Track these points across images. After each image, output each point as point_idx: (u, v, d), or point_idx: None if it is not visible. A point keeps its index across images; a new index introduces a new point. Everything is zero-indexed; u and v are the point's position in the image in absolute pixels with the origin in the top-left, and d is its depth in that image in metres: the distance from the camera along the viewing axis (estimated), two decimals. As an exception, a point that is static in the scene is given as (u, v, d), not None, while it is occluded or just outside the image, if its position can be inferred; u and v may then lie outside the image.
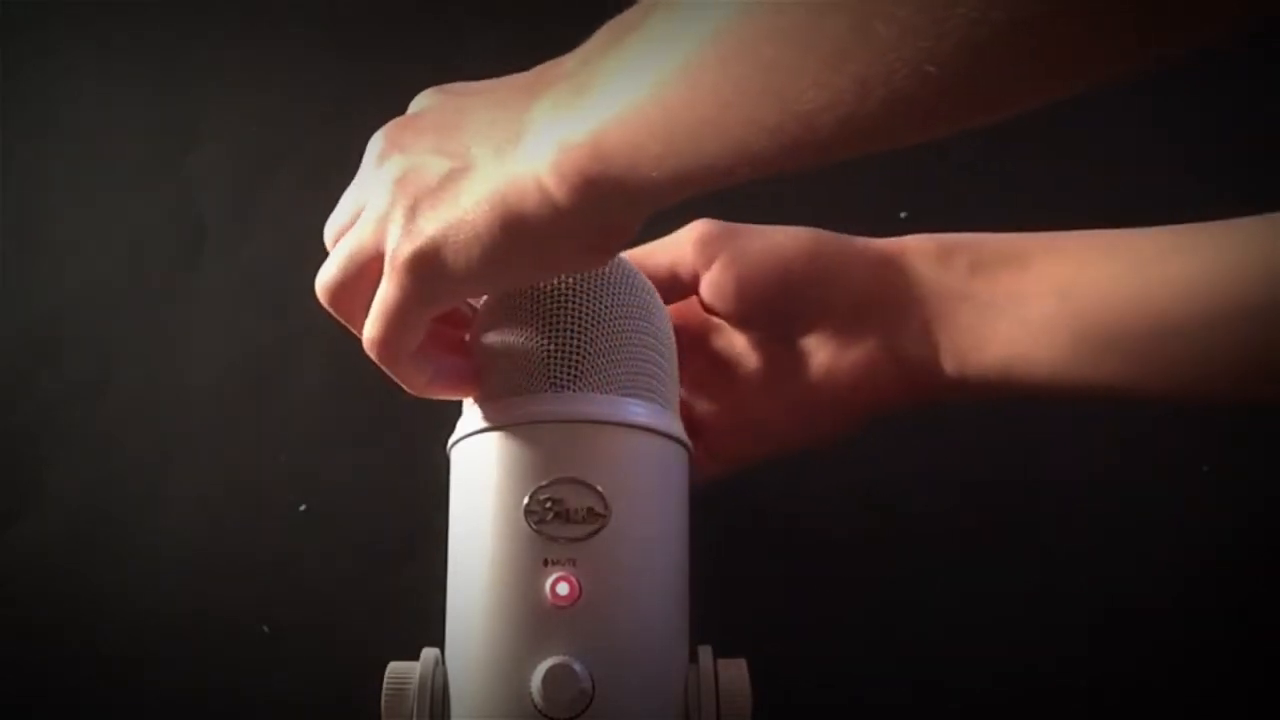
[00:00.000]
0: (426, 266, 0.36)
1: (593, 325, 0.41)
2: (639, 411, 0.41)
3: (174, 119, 0.65)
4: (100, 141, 0.65)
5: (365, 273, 0.38)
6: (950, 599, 0.59)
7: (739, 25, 0.28)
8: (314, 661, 0.59)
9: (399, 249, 0.36)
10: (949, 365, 0.45)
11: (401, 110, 0.42)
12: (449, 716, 0.40)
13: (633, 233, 0.37)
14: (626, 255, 0.46)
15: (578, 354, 0.41)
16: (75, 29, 0.66)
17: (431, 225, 0.36)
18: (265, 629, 0.60)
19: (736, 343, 0.49)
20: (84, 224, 0.65)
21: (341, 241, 0.39)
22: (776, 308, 0.47)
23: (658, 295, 0.45)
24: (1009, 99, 0.27)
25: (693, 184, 0.33)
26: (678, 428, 0.43)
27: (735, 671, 0.41)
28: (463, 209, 0.35)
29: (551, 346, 0.41)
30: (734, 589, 0.58)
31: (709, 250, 0.47)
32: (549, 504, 0.39)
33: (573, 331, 0.41)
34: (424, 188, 0.36)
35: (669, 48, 0.30)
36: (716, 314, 0.48)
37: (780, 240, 0.47)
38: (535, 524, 0.39)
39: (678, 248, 0.47)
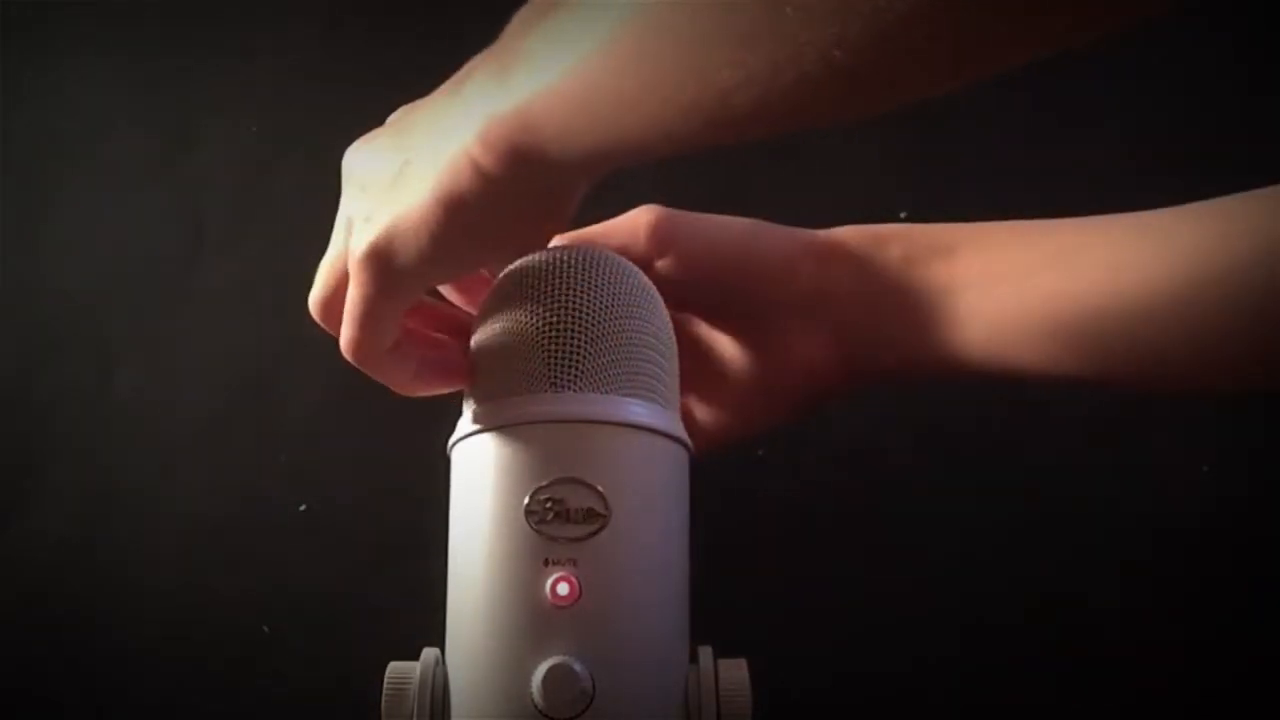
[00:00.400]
0: (379, 259, 0.37)
1: (593, 325, 0.41)
2: (639, 411, 0.41)
3: (174, 119, 0.65)
4: (100, 141, 0.65)
5: (341, 283, 0.39)
6: (950, 599, 0.59)
7: (657, 3, 0.29)
8: (314, 661, 0.59)
9: (354, 248, 0.37)
10: (887, 353, 0.46)
11: (396, 109, 0.43)
12: (449, 716, 0.40)
13: (571, 204, 0.38)
14: (577, 234, 0.47)
15: (578, 354, 0.41)
16: (75, 29, 0.66)
17: (382, 221, 0.37)
18: (265, 629, 0.60)
19: (701, 332, 0.50)
20: (84, 224, 0.65)
21: (324, 258, 0.41)
22: (722, 297, 0.48)
23: (658, 294, 0.45)
24: (915, 84, 0.27)
25: (617, 157, 0.34)
26: (678, 428, 0.43)
27: (735, 671, 0.41)
28: (410, 200, 0.36)
29: (552, 346, 0.41)
30: (734, 589, 0.58)
31: (660, 238, 0.47)
32: (549, 504, 0.39)
33: (573, 331, 0.41)
34: (380, 187, 0.38)
35: (591, 24, 0.31)
36: (670, 294, 0.48)
37: (728, 231, 0.48)
38: (535, 524, 0.39)
39: (630, 232, 0.48)
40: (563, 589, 0.39)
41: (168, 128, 0.65)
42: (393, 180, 0.37)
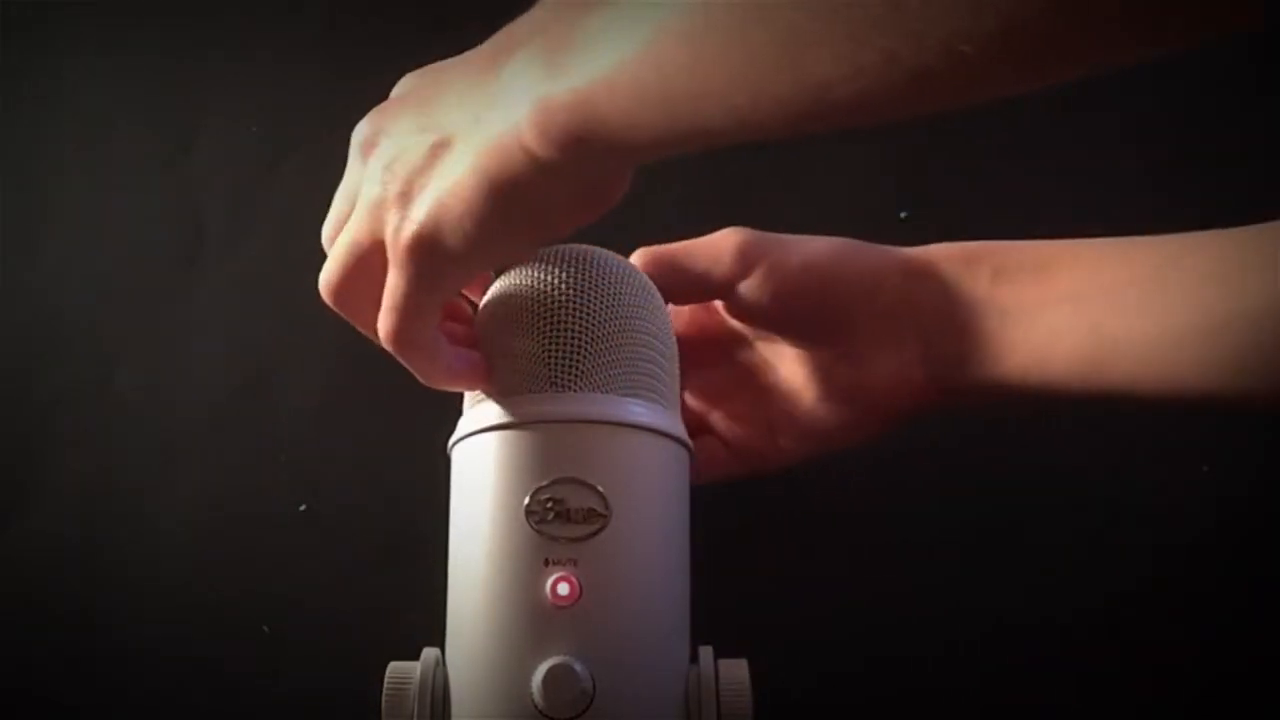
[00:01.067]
0: (427, 248, 0.35)
1: (593, 325, 0.41)
2: (639, 411, 0.41)
3: (174, 119, 0.65)
4: (100, 141, 0.65)
5: (366, 266, 0.38)
6: (950, 599, 0.59)
7: None
8: (314, 661, 0.59)
9: (399, 236, 0.36)
10: (974, 372, 0.46)
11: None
12: (449, 716, 0.40)
13: (625, 183, 0.37)
14: (662, 250, 0.47)
15: (578, 354, 0.41)
16: (75, 29, 0.66)
17: (425, 205, 0.35)
18: (265, 629, 0.60)
19: (764, 349, 0.50)
20: (84, 223, 0.65)
21: (339, 238, 0.39)
22: (812, 318, 0.48)
23: (659, 294, 0.45)
24: (1041, 76, 0.26)
25: (686, 147, 0.32)
26: (678, 428, 0.43)
27: (735, 671, 0.41)
28: (451, 182, 0.35)
29: (552, 346, 0.41)
30: (734, 589, 0.58)
31: (747, 260, 0.47)
32: (549, 504, 0.39)
33: (573, 331, 0.41)
34: (412, 168, 0.36)
35: (668, 7, 0.29)
36: (748, 321, 0.49)
37: (816, 251, 0.48)
38: (536, 524, 0.39)
39: (714, 253, 0.47)
40: (563, 589, 0.39)
41: (168, 128, 0.65)
42: (425, 160, 0.35)
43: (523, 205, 0.34)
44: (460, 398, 0.45)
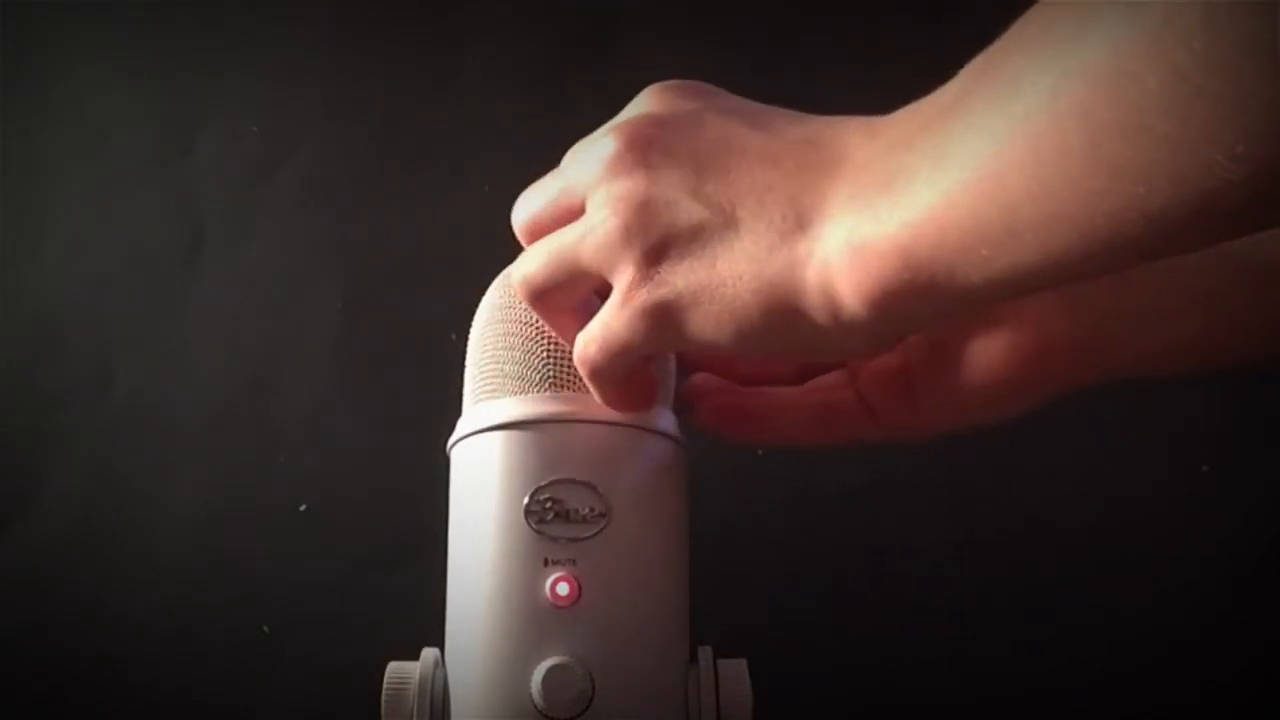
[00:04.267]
0: (669, 320, 0.33)
1: (593, 325, 0.41)
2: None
3: (174, 119, 0.65)
4: (100, 141, 0.65)
5: (575, 285, 0.36)
6: (950, 599, 0.59)
7: (1115, 99, 0.23)
8: (314, 661, 0.59)
9: (639, 291, 0.33)
10: (1127, 336, 0.40)
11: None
12: (449, 716, 0.40)
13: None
14: None
15: (578, 354, 0.41)
16: (75, 30, 0.66)
17: (679, 279, 0.33)
18: (265, 629, 0.60)
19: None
20: (84, 223, 0.65)
21: (552, 242, 0.36)
22: None
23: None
24: None
25: (1018, 291, 0.28)
26: (677, 427, 0.43)
27: (735, 671, 0.41)
28: (719, 276, 0.32)
29: (551, 346, 0.41)
30: (734, 589, 0.58)
31: None
32: (549, 504, 0.39)
33: (573, 331, 0.41)
34: (672, 231, 0.33)
35: (1009, 124, 0.25)
36: None
37: None
38: (535, 524, 0.39)
39: None
40: (563, 589, 0.39)
41: (168, 128, 0.65)
42: (691, 232, 0.32)
43: (792, 337, 0.32)
44: (460, 398, 0.45)
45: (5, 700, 0.59)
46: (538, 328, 0.41)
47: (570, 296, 0.37)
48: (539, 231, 0.37)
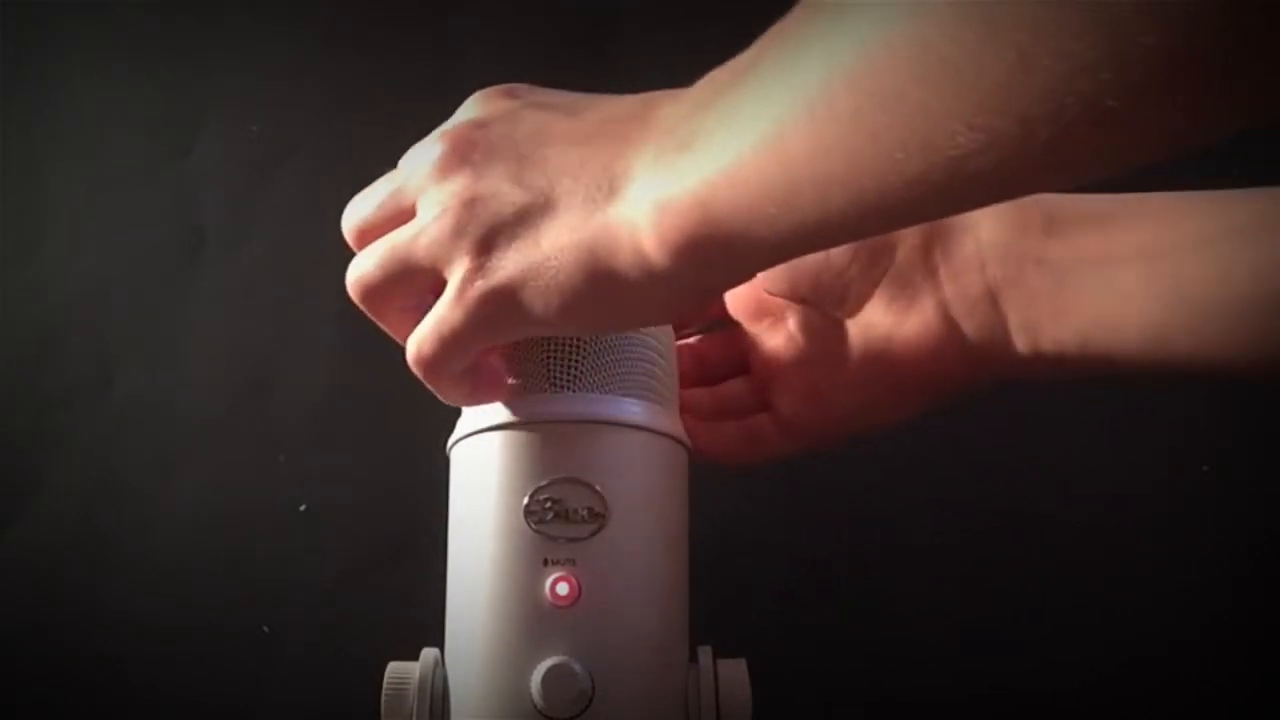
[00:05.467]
0: (502, 305, 0.34)
1: (592, 325, 0.41)
2: (638, 411, 0.41)
3: (174, 119, 0.65)
4: (100, 142, 0.65)
5: (410, 283, 0.37)
6: (949, 599, 0.59)
7: (875, 66, 0.25)
8: (314, 661, 0.59)
9: (470, 281, 0.35)
10: (1020, 337, 0.42)
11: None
12: (449, 716, 0.40)
13: (718, 301, 0.35)
14: None
15: (576, 354, 0.41)
16: (76, 29, 0.66)
17: (509, 264, 0.34)
18: (265, 629, 0.60)
19: (803, 320, 0.47)
20: (84, 224, 0.65)
21: (385, 242, 0.37)
22: (827, 281, 0.45)
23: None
24: (1194, 132, 0.24)
25: (809, 245, 0.31)
26: (677, 427, 0.43)
27: (735, 671, 0.41)
28: (544, 253, 0.33)
29: (551, 346, 0.41)
30: (734, 589, 0.58)
31: None
32: (549, 504, 0.39)
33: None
34: (498, 220, 0.34)
35: (789, 93, 0.27)
36: (773, 293, 0.46)
37: None
38: (535, 524, 0.39)
39: None
40: (562, 589, 0.39)
41: (168, 128, 0.65)
42: (515, 217, 0.34)
43: (615, 299, 0.34)
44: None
45: (5, 700, 0.59)
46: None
47: (405, 296, 0.37)
48: (370, 235, 0.38)
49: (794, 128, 0.27)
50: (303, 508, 0.61)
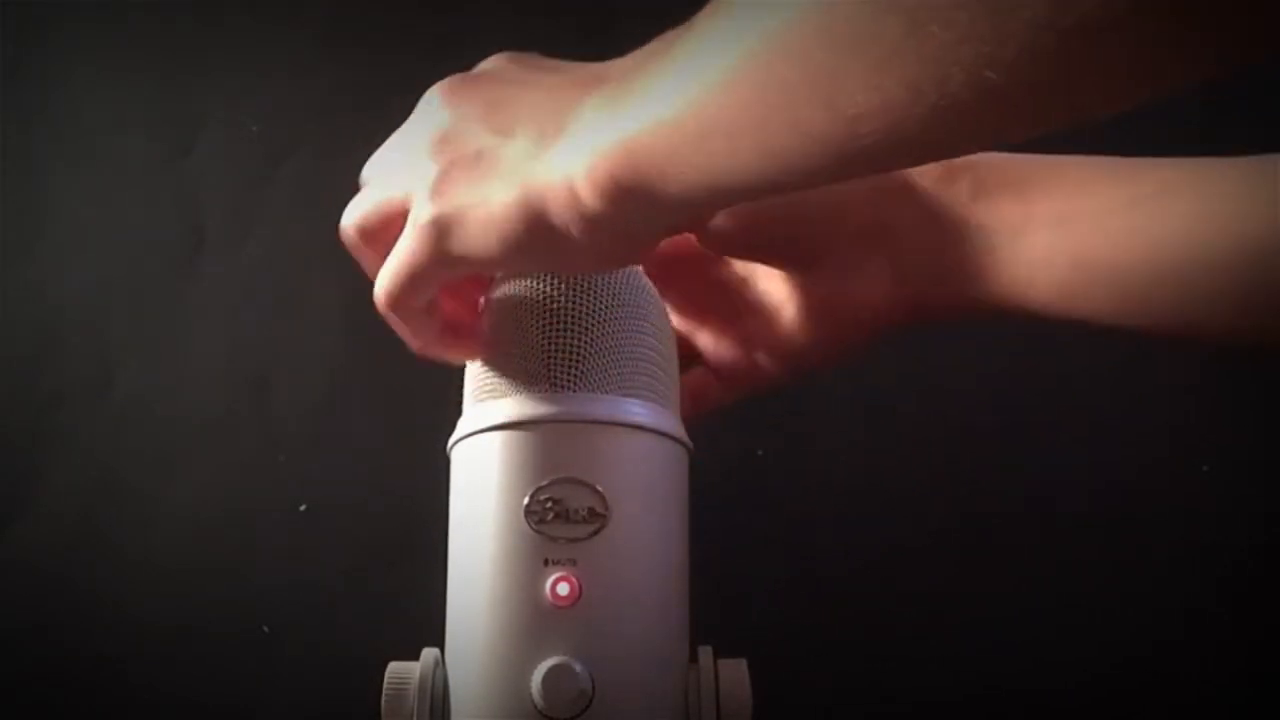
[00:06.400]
0: (443, 233, 0.36)
1: (593, 325, 0.41)
2: (639, 411, 0.41)
3: (174, 119, 0.65)
4: (101, 142, 0.65)
5: (388, 221, 0.38)
6: (949, 599, 0.59)
7: (786, 30, 0.27)
8: (314, 661, 0.59)
9: (422, 209, 0.36)
10: (953, 290, 0.45)
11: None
12: (449, 716, 0.40)
13: (654, 247, 0.37)
14: None
15: (578, 354, 0.41)
16: (76, 29, 0.66)
17: (458, 195, 0.36)
18: (265, 629, 0.60)
19: (740, 269, 0.49)
20: (84, 224, 0.65)
21: (375, 184, 0.39)
22: (781, 245, 0.46)
23: (658, 294, 0.45)
24: (1070, 109, 0.25)
25: (725, 196, 0.32)
26: (678, 428, 0.43)
27: (735, 671, 0.41)
28: (488, 188, 0.35)
29: (551, 347, 0.41)
30: (734, 589, 0.58)
31: None
32: (549, 504, 0.39)
33: (573, 332, 0.41)
34: (460, 155, 0.36)
35: (713, 54, 0.30)
36: (719, 251, 0.48)
37: None
38: (535, 524, 0.39)
39: None
40: (563, 589, 0.39)
41: (168, 128, 0.65)
42: (474, 154, 0.36)
43: (548, 240, 0.35)
44: (460, 398, 0.45)
45: (5, 700, 0.59)
46: (537, 327, 0.41)
47: (386, 236, 0.39)
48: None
49: (716, 83, 0.29)
50: (303, 508, 0.61)
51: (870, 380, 0.61)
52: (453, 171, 0.36)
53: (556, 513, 0.39)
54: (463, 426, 0.43)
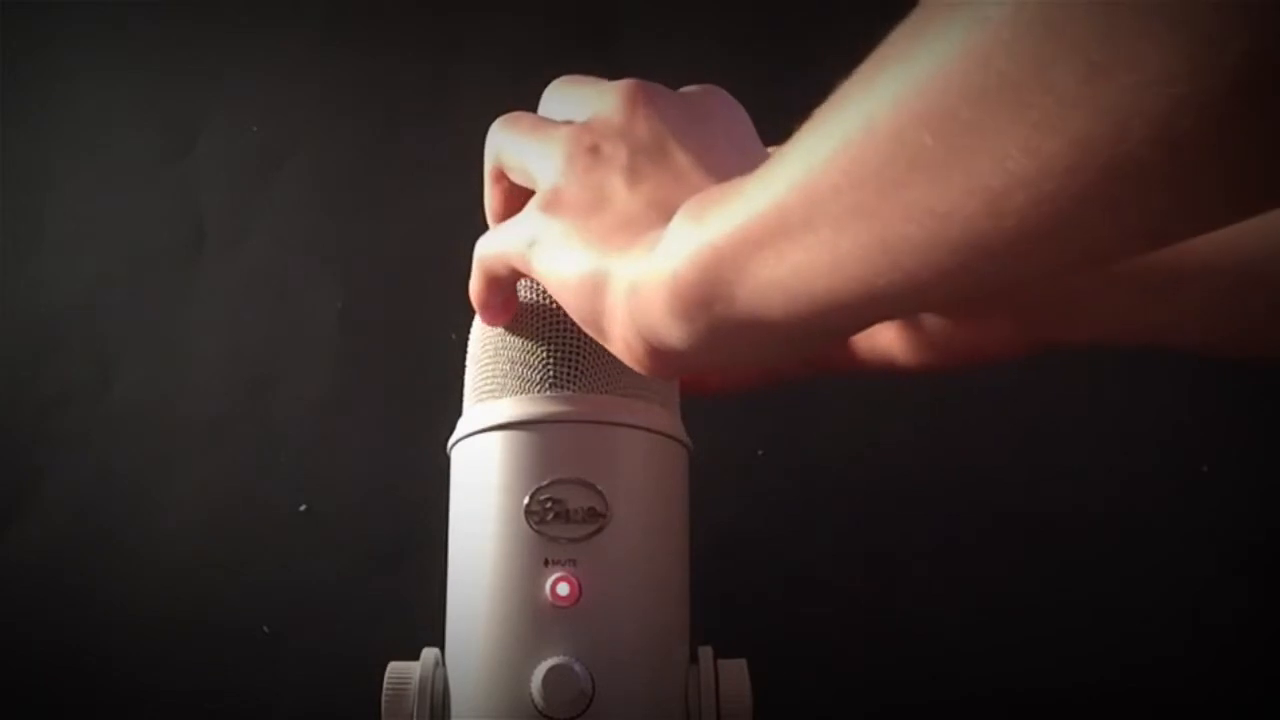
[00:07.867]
0: (534, 250, 0.36)
1: (593, 325, 0.41)
2: (639, 411, 0.41)
3: (174, 119, 0.65)
4: (101, 141, 0.65)
5: (520, 168, 0.38)
6: (949, 599, 0.59)
7: (930, 85, 0.22)
8: (314, 661, 0.59)
9: (529, 213, 0.36)
10: (1083, 332, 0.41)
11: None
12: (449, 716, 0.40)
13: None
14: None
15: (578, 354, 0.41)
16: (75, 29, 0.66)
17: (555, 224, 0.35)
18: (265, 629, 0.60)
19: None
20: (84, 224, 0.65)
21: (537, 131, 0.37)
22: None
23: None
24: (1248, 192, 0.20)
25: (827, 322, 0.28)
26: (678, 427, 0.43)
27: (735, 671, 0.41)
28: (583, 237, 0.34)
29: (551, 346, 0.41)
30: (734, 589, 0.58)
31: None
32: (549, 504, 0.39)
33: (573, 331, 0.41)
34: (588, 178, 0.35)
35: (826, 136, 0.25)
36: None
37: None
38: (535, 524, 0.39)
39: None
40: (563, 589, 0.39)
41: (168, 128, 0.65)
42: (598, 192, 0.34)
43: (597, 330, 0.35)
44: (460, 398, 0.45)
45: (5, 700, 0.59)
46: (538, 328, 0.41)
47: (508, 180, 0.39)
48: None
49: (824, 164, 0.25)
50: (303, 508, 0.61)
51: (871, 380, 0.61)
52: (569, 192, 0.35)
53: (556, 513, 0.39)
54: (463, 426, 0.43)
